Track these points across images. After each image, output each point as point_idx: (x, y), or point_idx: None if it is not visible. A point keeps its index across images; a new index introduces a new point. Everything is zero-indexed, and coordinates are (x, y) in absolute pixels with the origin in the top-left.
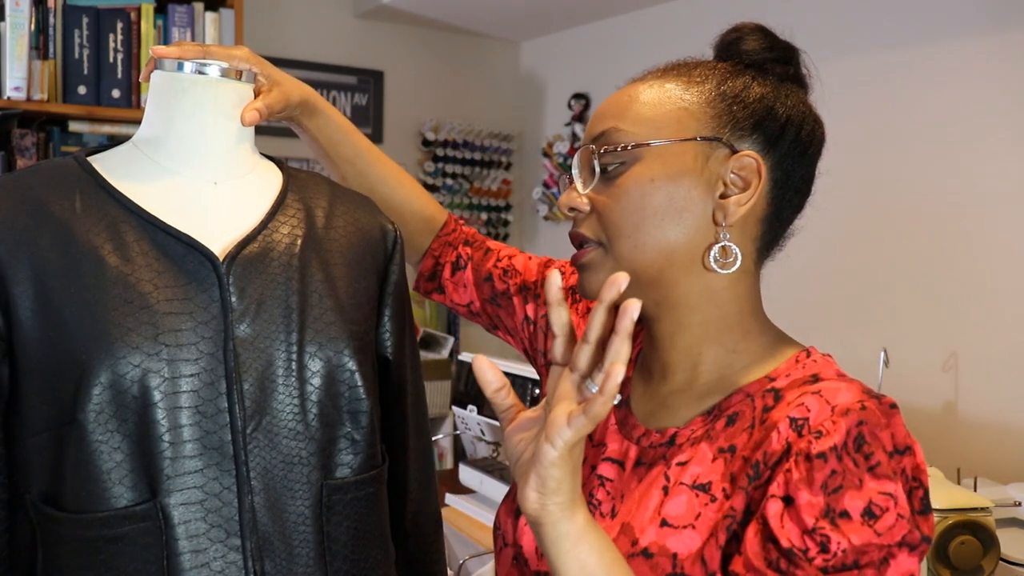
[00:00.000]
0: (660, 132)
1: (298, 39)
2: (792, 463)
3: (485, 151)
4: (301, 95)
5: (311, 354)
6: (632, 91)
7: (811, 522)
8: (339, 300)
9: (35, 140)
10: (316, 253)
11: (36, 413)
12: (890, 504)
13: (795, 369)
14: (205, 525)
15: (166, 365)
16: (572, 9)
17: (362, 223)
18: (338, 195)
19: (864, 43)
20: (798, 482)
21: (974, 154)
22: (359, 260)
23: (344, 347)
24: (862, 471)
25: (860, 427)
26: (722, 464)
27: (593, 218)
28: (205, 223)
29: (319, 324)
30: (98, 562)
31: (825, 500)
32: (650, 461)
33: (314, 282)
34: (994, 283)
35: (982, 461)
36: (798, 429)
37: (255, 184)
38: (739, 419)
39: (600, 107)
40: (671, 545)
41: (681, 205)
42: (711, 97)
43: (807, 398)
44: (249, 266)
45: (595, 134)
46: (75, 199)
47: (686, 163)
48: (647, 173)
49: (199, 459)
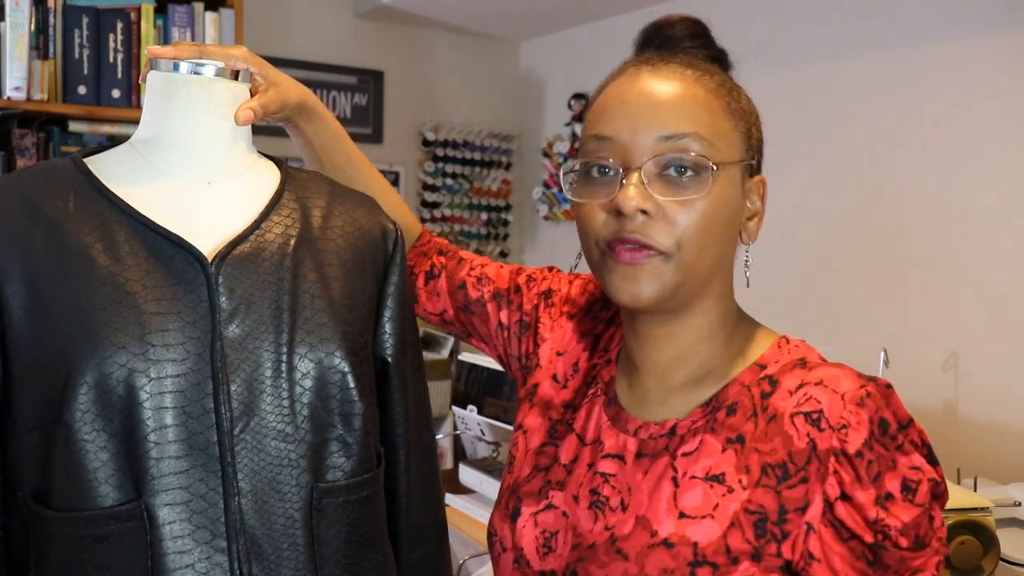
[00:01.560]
0: (731, 149)
1: (298, 39)
2: (836, 465)
3: (485, 151)
4: (299, 97)
5: (301, 355)
6: (689, 88)
7: (872, 514)
8: (333, 301)
9: (35, 140)
10: (311, 253)
11: (27, 411)
12: (920, 476)
13: (780, 355)
14: (190, 526)
15: (152, 365)
16: (572, 9)
17: (361, 223)
18: (338, 194)
19: (865, 43)
20: (852, 483)
21: (975, 154)
22: (356, 260)
23: (336, 348)
24: (892, 452)
25: (878, 413)
26: (733, 455)
27: (662, 224)
28: (198, 223)
29: (310, 325)
30: (84, 560)
31: (875, 491)
32: (652, 453)
33: (307, 282)
34: (994, 283)
35: (982, 461)
36: (815, 423)
37: (250, 184)
38: (739, 408)
39: (658, 99)
40: (691, 535)
41: (733, 224)
42: (740, 110)
43: (811, 390)
44: (239, 266)
45: (669, 134)
46: (69, 199)
47: (738, 184)
48: (723, 193)
49: (184, 460)
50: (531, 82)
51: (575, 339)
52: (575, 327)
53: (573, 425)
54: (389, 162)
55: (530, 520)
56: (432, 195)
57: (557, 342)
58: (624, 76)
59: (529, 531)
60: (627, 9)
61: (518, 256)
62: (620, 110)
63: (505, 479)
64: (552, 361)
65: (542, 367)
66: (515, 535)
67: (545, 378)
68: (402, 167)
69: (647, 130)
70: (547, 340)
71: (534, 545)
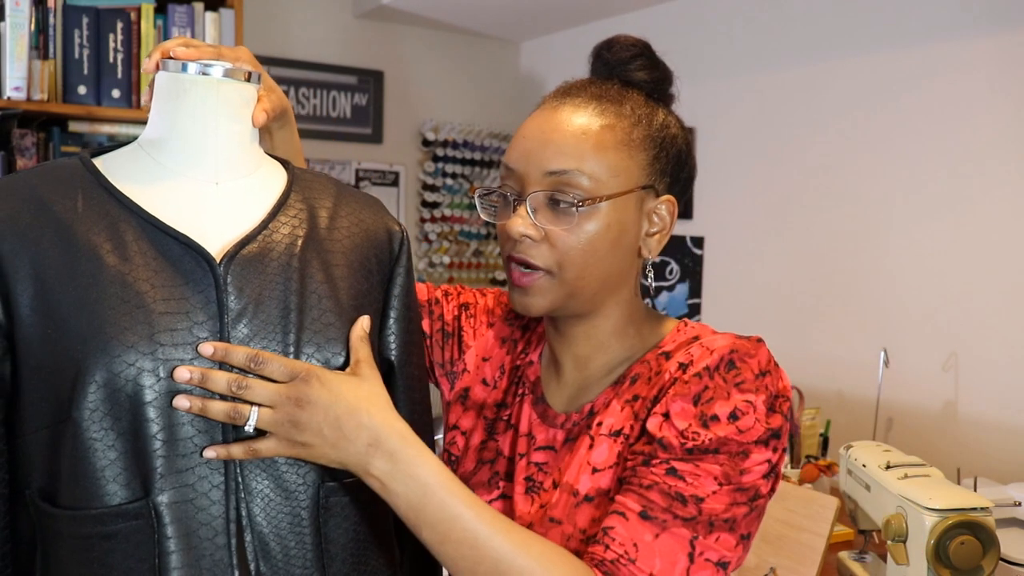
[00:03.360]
0: (616, 180)
1: (298, 39)
2: (671, 386)
3: (485, 151)
4: (284, 103)
5: (308, 355)
6: (581, 125)
7: (683, 425)
8: (339, 301)
9: (35, 140)
10: (317, 253)
11: (36, 410)
12: (750, 409)
13: (678, 336)
14: (196, 524)
15: (161, 364)
16: (572, 9)
17: (367, 224)
18: (344, 195)
19: (865, 43)
20: (674, 395)
21: (973, 154)
22: (362, 261)
23: (342, 348)
24: (730, 386)
25: (731, 354)
26: (629, 411)
27: (544, 247)
28: (205, 223)
29: (317, 325)
30: (92, 559)
31: (699, 409)
32: (576, 435)
33: (314, 283)
34: (994, 283)
35: (982, 461)
36: (683, 369)
37: (258, 184)
38: (639, 379)
39: (548, 136)
40: (604, 485)
41: (623, 243)
42: (645, 139)
43: (692, 347)
44: (247, 266)
45: (553, 170)
46: (77, 199)
47: (630, 209)
48: (604, 219)
49: (191, 458)
50: (531, 82)
51: (496, 344)
52: (495, 334)
53: (510, 421)
54: (389, 162)
55: None
56: (432, 195)
57: (481, 349)
58: (538, 110)
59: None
60: (627, 9)
61: None
62: (521, 144)
63: None
64: (479, 366)
65: (470, 372)
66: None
67: (475, 382)
68: (402, 167)
69: (537, 164)
70: (471, 347)
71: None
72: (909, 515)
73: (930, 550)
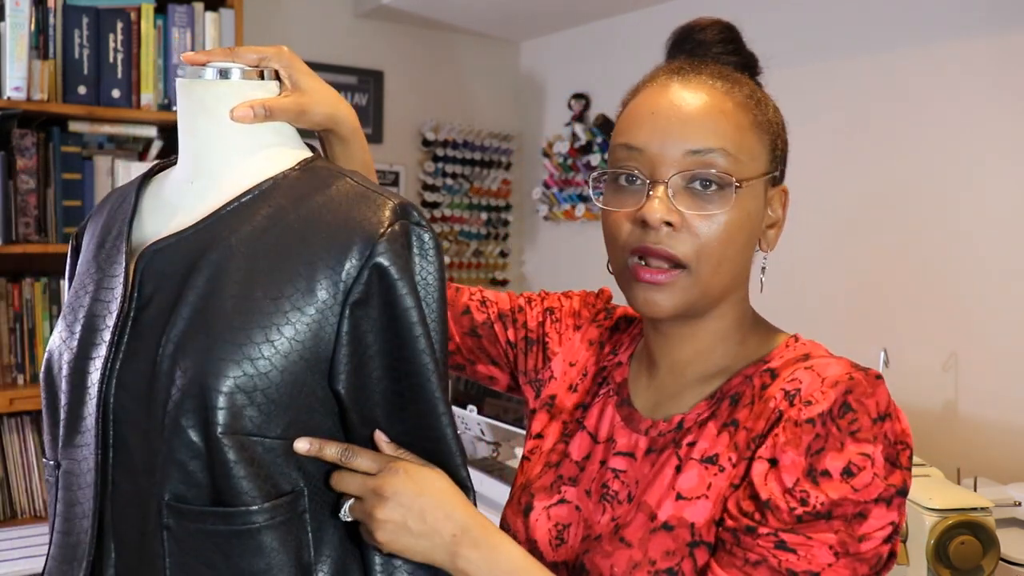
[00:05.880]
0: (754, 164)
1: (298, 39)
2: (780, 428)
3: (485, 151)
4: (327, 116)
5: (176, 360)
6: (717, 103)
7: (791, 481)
8: (244, 309)
9: (35, 140)
10: (244, 257)
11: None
12: (867, 464)
13: (787, 352)
14: (71, 495)
15: (76, 349)
16: (572, 9)
17: (326, 230)
18: (319, 197)
19: (867, 44)
20: (784, 444)
21: (975, 155)
22: (295, 269)
23: (220, 360)
24: (844, 435)
25: (847, 395)
26: (727, 437)
27: (685, 236)
28: (168, 222)
29: (197, 332)
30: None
31: (808, 461)
32: (660, 448)
33: (225, 286)
34: (994, 283)
35: (982, 461)
36: (790, 399)
37: (226, 183)
38: (741, 399)
39: (686, 112)
40: (688, 516)
41: (754, 235)
42: (768, 123)
43: (799, 372)
44: (158, 263)
45: (697, 148)
46: (118, 204)
47: (760, 198)
48: (745, 207)
49: (78, 436)
50: (531, 82)
51: (583, 348)
52: (582, 337)
53: (584, 423)
54: (389, 162)
55: (543, 514)
56: (432, 195)
57: (568, 354)
58: (655, 86)
59: (543, 524)
60: (627, 9)
61: (518, 256)
62: (649, 121)
63: (517, 478)
64: (566, 372)
65: (556, 379)
66: (528, 528)
67: (562, 389)
68: (402, 167)
69: (675, 143)
70: (558, 353)
71: (547, 537)
72: (909, 515)
73: (930, 550)
